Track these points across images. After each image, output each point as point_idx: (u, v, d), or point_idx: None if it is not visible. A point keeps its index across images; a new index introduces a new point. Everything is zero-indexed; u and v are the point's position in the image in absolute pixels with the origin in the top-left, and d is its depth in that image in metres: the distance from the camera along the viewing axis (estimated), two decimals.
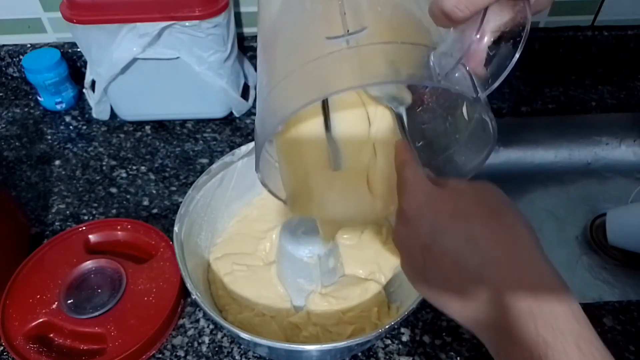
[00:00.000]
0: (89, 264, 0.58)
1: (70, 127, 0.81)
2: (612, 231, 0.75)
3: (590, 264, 0.76)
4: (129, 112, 0.80)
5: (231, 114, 0.81)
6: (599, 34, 0.87)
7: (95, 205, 0.69)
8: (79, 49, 0.83)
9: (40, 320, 0.53)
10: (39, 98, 0.82)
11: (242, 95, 0.80)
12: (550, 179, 0.86)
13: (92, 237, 0.61)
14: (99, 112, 0.80)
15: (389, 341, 0.54)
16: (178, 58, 0.70)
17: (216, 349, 0.54)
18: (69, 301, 0.55)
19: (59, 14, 0.67)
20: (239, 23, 0.83)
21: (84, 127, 0.81)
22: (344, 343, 0.45)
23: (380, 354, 0.53)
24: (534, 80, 0.89)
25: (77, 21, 0.66)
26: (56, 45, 0.84)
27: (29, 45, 0.85)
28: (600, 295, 0.72)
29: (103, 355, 0.51)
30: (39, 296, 0.55)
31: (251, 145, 0.59)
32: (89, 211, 0.68)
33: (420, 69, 0.31)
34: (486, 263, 0.30)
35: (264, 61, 0.39)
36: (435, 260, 0.33)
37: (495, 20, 0.31)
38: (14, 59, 0.86)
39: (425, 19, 0.32)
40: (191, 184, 0.56)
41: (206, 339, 0.55)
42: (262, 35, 0.41)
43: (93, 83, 0.77)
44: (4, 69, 0.88)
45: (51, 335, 0.54)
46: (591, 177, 0.87)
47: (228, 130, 0.79)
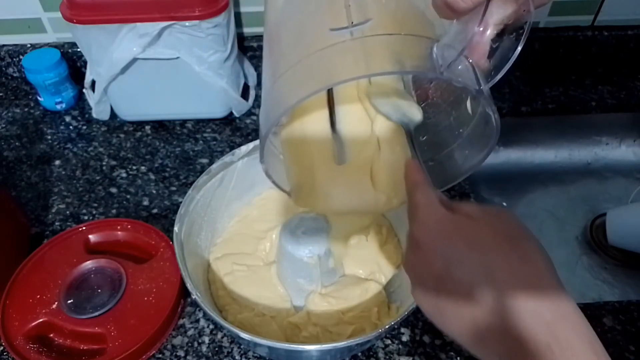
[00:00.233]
0: (89, 264, 0.58)
1: (70, 127, 0.81)
2: (612, 231, 0.75)
3: (590, 264, 0.76)
4: (129, 112, 0.80)
5: (231, 114, 0.81)
6: (599, 34, 0.87)
7: (95, 205, 0.69)
8: (79, 49, 0.83)
9: (40, 320, 0.53)
10: (39, 98, 0.82)
11: (242, 95, 0.80)
12: (550, 179, 0.86)
13: (92, 237, 0.61)
14: (99, 112, 0.80)
15: (389, 341, 0.54)
16: (178, 58, 0.70)
17: (216, 349, 0.54)
18: (69, 301, 0.55)
19: (59, 14, 0.67)
20: (239, 23, 0.83)
21: (84, 127, 0.81)
22: (344, 343, 0.45)
23: (380, 354, 0.53)
24: (534, 80, 0.89)
25: (77, 21, 0.66)
26: (56, 45, 0.84)
27: (29, 45, 0.85)
28: (600, 295, 0.72)
29: (103, 355, 0.51)
30: (39, 296, 0.55)
31: (251, 145, 0.59)
32: (89, 211, 0.68)
33: (423, 60, 0.31)
34: (503, 296, 0.29)
35: (269, 53, 0.39)
36: (449, 291, 0.32)
37: (499, 13, 0.31)
38: (14, 59, 0.86)
39: (429, 11, 0.33)
40: (191, 184, 0.56)
41: (206, 339, 0.55)
42: (268, 28, 0.41)
43: (93, 83, 0.77)
44: (4, 69, 0.88)
45: (51, 335, 0.54)
46: (591, 177, 0.87)
47: (228, 130, 0.79)
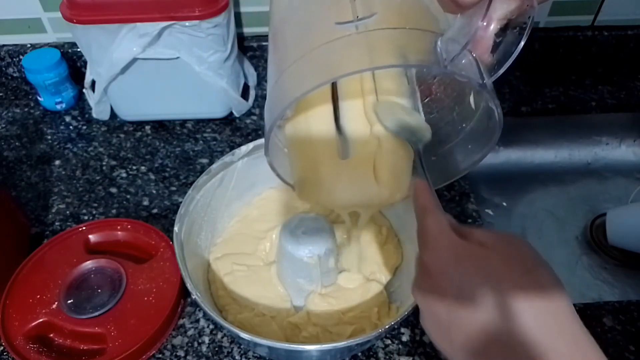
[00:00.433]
0: (89, 264, 0.58)
1: (70, 127, 0.81)
2: (612, 231, 0.75)
3: (590, 264, 0.76)
4: (129, 112, 0.80)
5: (231, 114, 0.81)
6: (599, 34, 0.87)
7: (95, 205, 0.69)
8: (79, 49, 0.83)
9: (40, 320, 0.53)
10: (39, 98, 0.82)
11: (242, 95, 0.80)
12: (550, 179, 0.86)
13: (92, 237, 0.61)
14: (99, 112, 0.80)
15: (389, 341, 0.54)
16: (178, 58, 0.70)
17: (216, 349, 0.54)
18: (69, 301, 0.55)
19: (59, 14, 0.67)
20: (239, 23, 0.83)
21: (84, 127, 0.81)
22: (344, 343, 0.45)
23: (380, 354, 0.53)
24: (534, 80, 0.89)
25: (77, 21, 0.66)
26: (56, 45, 0.84)
27: (29, 45, 0.85)
28: (600, 295, 0.72)
29: (103, 355, 0.51)
30: (39, 296, 0.55)
31: (251, 145, 0.59)
32: (89, 211, 0.68)
33: (427, 54, 0.32)
34: (518, 329, 0.29)
35: (274, 48, 0.40)
36: (461, 322, 0.31)
37: (502, 8, 0.31)
38: (14, 59, 0.86)
39: (433, 5, 0.33)
40: (191, 184, 0.56)
41: (206, 339, 0.55)
42: (273, 23, 0.42)
43: (93, 83, 0.77)
44: (4, 69, 0.88)
45: (51, 335, 0.54)
46: (591, 177, 0.87)
47: (228, 130, 0.79)
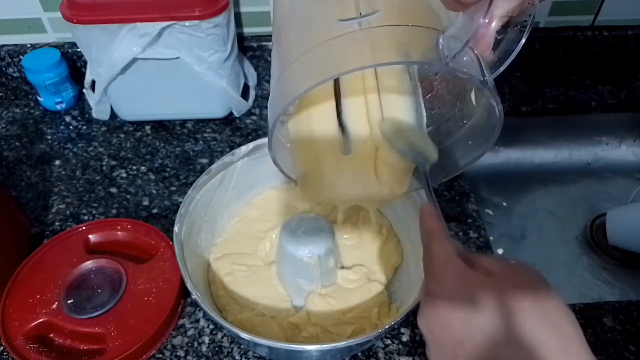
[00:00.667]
0: (89, 264, 0.58)
1: (70, 127, 0.81)
2: (612, 231, 0.75)
3: (590, 264, 0.76)
4: (129, 112, 0.80)
5: (231, 114, 0.81)
6: (599, 34, 0.87)
7: (95, 205, 0.69)
8: (79, 49, 0.83)
9: (40, 320, 0.53)
10: (39, 98, 0.82)
11: (242, 95, 0.80)
12: (550, 179, 0.86)
13: (92, 237, 0.61)
14: (99, 112, 0.80)
15: (389, 341, 0.54)
16: (178, 58, 0.70)
17: (216, 349, 0.54)
18: (69, 301, 0.55)
19: (59, 14, 0.67)
20: (239, 23, 0.83)
21: (84, 127, 0.81)
22: (344, 343, 0.45)
23: (380, 354, 0.53)
24: (534, 80, 0.89)
25: (77, 21, 0.66)
26: (56, 45, 0.84)
27: (29, 45, 0.85)
28: (600, 295, 0.72)
29: (103, 355, 0.51)
30: (39, 296, 0.55)
31: (251, 145, 0.59)
32: (89, 211, 0.68)
33: (429, 51, 0.32)
34: None
35: (277, 43, 0.40)
36: (470, 356, 0.30)
37: (504, 6, 0.32)
38: (14, 59, 0.86)
39: (435, 3, 0.33)
40: (191, 184, 0.56)
41: (206, 339, 0.55)
42: (277, 20, 0.42)
43: (93, 83, 0.77)
44: (4, 69, 0.88)
45: (51, 335, 0.54)
46: (591, 177, 0.87)
47: (228, 130, 0.79)
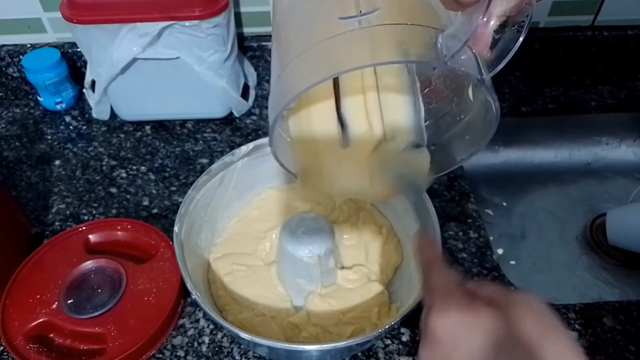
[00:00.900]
0: (89, 264, 0.58)
1: (70, 127, 0.81)
2: (612, 231, 0.75)
3: (590, 264, 0.76)
4: (129, 112, 0.80)
5: (231, 114, 0.81)
6: (599, 34, 0.87)
7: (95, 205, 0.69)
8: (79, 49, 0.83)
9: (40, 320, 0.53)
10: (39, 98, 0.82)
11: (242, 95, 0.80)
12: (550, 179, 0.86)
13: (92, 237, 0.61)
14: (99, 112, 0.80)
15: (389, 341, 0.54)
16: (178, 58, 0.70)
17: (216, 349, 0.54)
18: (69, 301, 0.55)
19: (59, 14, 0.67)
20: (239, 23, 0.83)
21: (84, 127, 0.81)
22: (344, 343, 0.45)
23: (380, 354, 0.53)
24: (534, 80, 0.89)
25: (77, 21, 0.66)
26: (56, 45, 0.84)
27: (29, 45, 0.85)
28: (600, 295, 0.72)
29: (103, 355, 0.51)
30: (39, 296, 0.55)
31: (251, 145, 0.60)
32: (89, 211, 0.68)
33: (428, 50, 0.32)
34: None
35: (277, 41, 0.40)
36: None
37: (502, 5, 0.32)
38: (14, 59, 0.86)
39: (435, 1, 0.33)
40: (191, 184, 0.56)
41: (206, 339, 0.55)
42: (276, 18, 0.42)
43: (93, 83, 0.77)
44: (4, 69, 0.88)
45: (51, 335, 0.54)
46: (591, 177, 0.87)
47: (228, 130, 0.79)
